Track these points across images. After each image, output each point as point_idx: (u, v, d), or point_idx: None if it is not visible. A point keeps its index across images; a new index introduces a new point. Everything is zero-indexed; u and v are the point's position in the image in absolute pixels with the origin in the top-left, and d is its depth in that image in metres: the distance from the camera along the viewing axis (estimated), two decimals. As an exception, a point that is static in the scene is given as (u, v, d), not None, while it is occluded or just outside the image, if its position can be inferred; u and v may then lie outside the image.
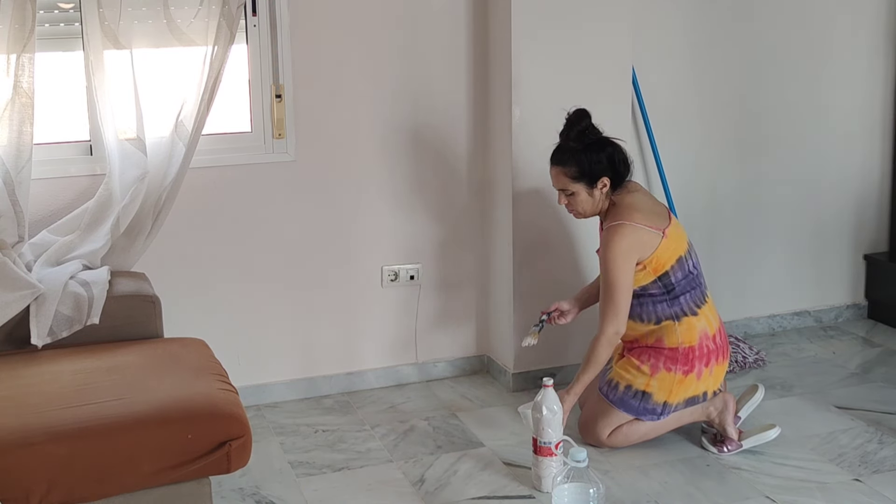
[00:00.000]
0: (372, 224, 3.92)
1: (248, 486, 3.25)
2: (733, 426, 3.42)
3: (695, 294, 3.39)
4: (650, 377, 3.36)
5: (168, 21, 3.39)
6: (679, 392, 3.37)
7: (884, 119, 4.61)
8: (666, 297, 3.35)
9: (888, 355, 4.28)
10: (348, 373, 3.99)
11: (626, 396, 3.39)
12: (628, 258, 3.28)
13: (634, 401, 3.38)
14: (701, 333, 3.37)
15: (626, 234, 3.28)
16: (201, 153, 3.53)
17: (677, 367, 3.35)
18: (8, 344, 3.13)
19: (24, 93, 3.19)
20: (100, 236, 3.37)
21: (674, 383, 3.35)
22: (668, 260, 3.33)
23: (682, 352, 3.35)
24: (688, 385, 3.37)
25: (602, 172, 3.32)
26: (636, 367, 3.39)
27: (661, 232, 3.31)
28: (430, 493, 3.20)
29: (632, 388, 3.38)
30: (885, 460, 3.35)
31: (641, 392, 3.37)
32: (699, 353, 3.36)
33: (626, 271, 3.28)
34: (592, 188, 3.34)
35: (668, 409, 3.38)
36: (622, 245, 3.27)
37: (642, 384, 3.37)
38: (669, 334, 3.35)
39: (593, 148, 3.33)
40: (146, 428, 2.59)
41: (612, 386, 3.43)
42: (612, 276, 3.29)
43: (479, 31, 3.90)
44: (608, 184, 3.34)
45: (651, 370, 3.36)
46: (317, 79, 3.75)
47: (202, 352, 3.08)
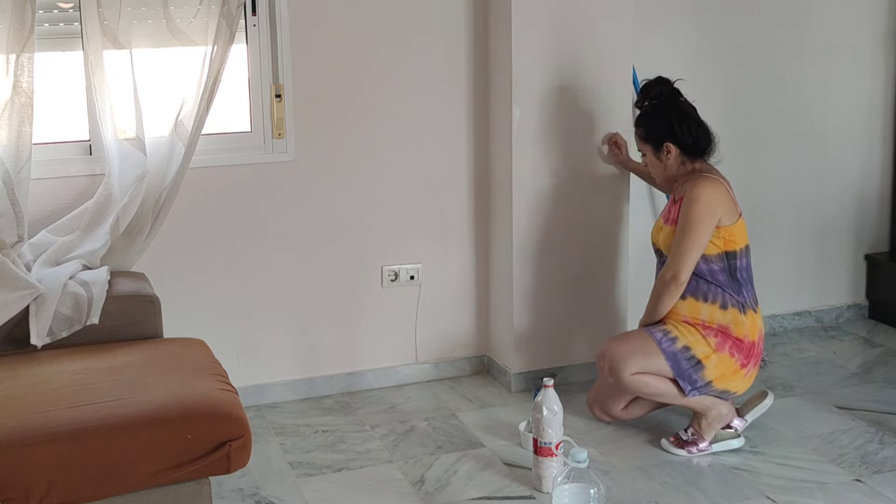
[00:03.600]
0: (372, 224, 3.92)
1: (247, 487, 3.25)
2: (713, 431, 3.42)
3: (753, 292, 3.42)
4: (714, 352, 3.33)
5: (168, 21, 3.39)
6: (726, 380, 3.37)
7: (884, 119, 4.60)
8: (731, 283, 3.35)
9: (889, 355, 4.28)
10: (348, 373, 3.99)
11: (681, 355, 3.34)
12: (712, 209, 3.28)
13: (686, 363, 3.33)
14: (759, 332, 3.40)
15: (716, 188, 3.31)
16: (201, 153, 3.53)
17: (738, 357, 3.36)
18: (7, 344, 3.13)
19: (24, 92, 3.19)
20: (99, 236, 3.37)
21: (729, 369, 3.35)
22: (740, 241, 3.35)
23: (746, 344, 3.36)
24: (736, 378, 3.37)
25: (664, 136, 3.38)
26: (703, 336, 3.34)
27: (738, 211, 3.37)
28: (430, 494, 3.19)
29: (690, 351, 3.34)
30: (886, 460, 3.34)
31: (697, 360, 3.33)
32: (756, 350, 3.39)
33: (708, 221, 3.28)
34: (658, 152, 3.41)
35: (707, 389, 3.37)
36: (709, 193, 3.29)
37: (702, 353, 3.33)
38: (737, 324, 3.35)
39: (657, 110, 3.43)
40: (146, 428, 2.58)
41: (670, 337, 3.36)
42: (693, 218, 3.28)
43: (480, 31, 3.90)
44: (673, 150, 3.38)
45: (717, 347, 3.33)
46: (317, 79, 3.75)
47: (202, 352, 3.08)
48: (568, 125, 3.84)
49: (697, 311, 3.37)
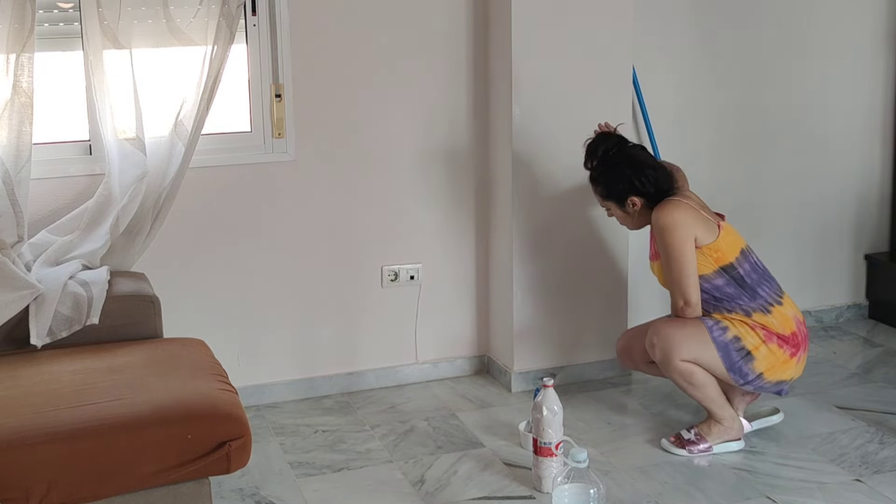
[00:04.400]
0: (372, 224, 3.92)
1: (247, 487, 3.25)
2: (720, 439, 3.42)
3: (772, 285, 3.40)
4: (763, 343, 3.31)
5: (168, 21, 3.39)
6: (779, 371, 3.35)
7: (884, 119, 4.60)
8: (743, 292, 3.33)
9: (889, 355, 4.28)
10: (348, 373, 3.99)
11: (731, 346, 3.30)
12: (686, 229, 3.25)
13: (737, 354, 3.31)
14: (794, 319, 3.39)
15: (681, 207, 3.28)
16: (201, 153, 3.53)
17: (787, 348, 3.35)
18: (7, 344, 3.13)
19: (24, 92, 3.19)
20: (99, 236, 3.37)
21: (779, 360, 3.34)
22: (731, 251, 3.33)
23: (788, 336, 3.35)
24: (787, 367, 3.37)
25: (626, 192, 3.34)
26: (751, 328, 3.32)
27: (716, 222, 3.34)
28: (430, 494, 3.19)
29: (740, 342, 3.31)
30: (886, 461, 3.34)
31: (748, 351, 3.31)
32: (800, 336, 3.38)
33: (686, 243, 3.25)
34: (623, 207, 3.38)
35: (759, 381, 3.36)
36: (677, 215, 3.26)
37: (752, 345, 3.31)
38: (768, 325, 3.34)
39: (611, 168, 3.35)
40: (146, 428, 2.58)
41: (721, 327, 3.32)
42: (670, 247, 3.27)
43: (480, 31, 3.90)
44: (639, 203, 3.35)
45: (765, 338, 3.32)
46: (317, 79, 3.75)
47: (202, 352, 3.08)
48: (568, 125, 3.84)
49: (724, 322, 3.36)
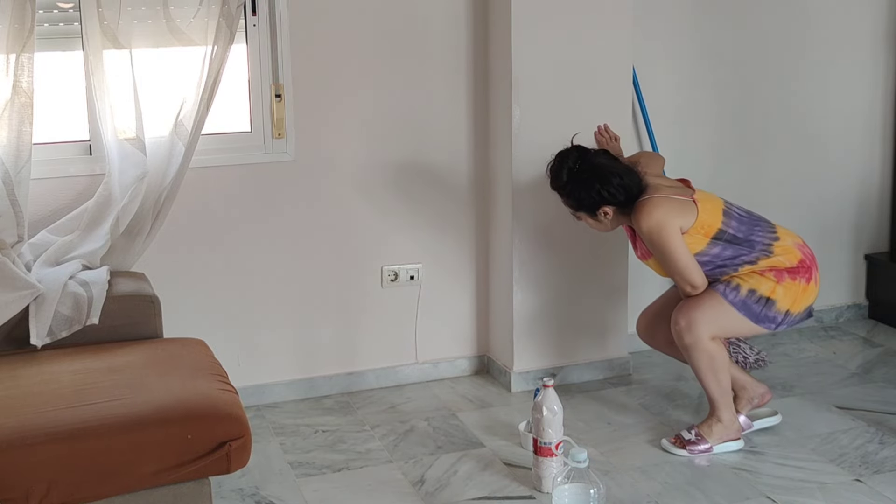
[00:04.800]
0: (372, 224, 3.92)
1: (247, 487, 3.25)
2: (719, 438, 3.42)
3: (762, 226, 3.40)
4: (776, 283, 3.33)
5: (167, 21, 3.39)
6: (802, 300, 3.37)
7: (884, 119, 4.60)
8: (741, 248, 3.35)
9: (889, 355, 4.28)
10: (348, 373, 3.99)
11: (749, 300, 3.32)
12: (669, 225, 3.26)
13: (757, 305, 3.33)
14: (796, 246, 3.41)
15: (658, 204, 3.27)
16: (201, 153, 3.53)
17: (800, 277, 3.36)
18: (7, 344, 3.13)
19: (24, 92, 3.18)
20: (99, 236, 3.37)
21: (798, 292, 3.36)
22: (714, 219, 3.34)
23: (798, 267, 3.36)
24: (809, 293, 3.39)
25: (596, 204, 3.33)
26: (760, 275, 3.34)
27: (690, 199, 3.33)
28: (430, 494, 3.19)
29: (756, 293, 3.33)
30: (886, 461, 3.34)
31: (766, 298, 3.33)
32: (808, 261, 3.40)
33: (673, 236, 3.26)
34: (596, 216, 3.37)
35: (788, 318, 3.37)
36: (657, 214, 3.26)
37: (768, 290, 3.33)
38: (776, 264, 3.35)
39: (582, 185, 3.32)
40: (146, 428, 2.58)
41: (732, 287, 3.34)
42: (660, 246, 3.28)
43: (480, 31, 3.90)
44: (611, 211, 3.34)
45: (777, 278, 3.33)
46: (317, 79, 3.75)
47: (202, 352, 3.08)
48: (568, 125, 3.83)
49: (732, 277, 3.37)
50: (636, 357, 4.20)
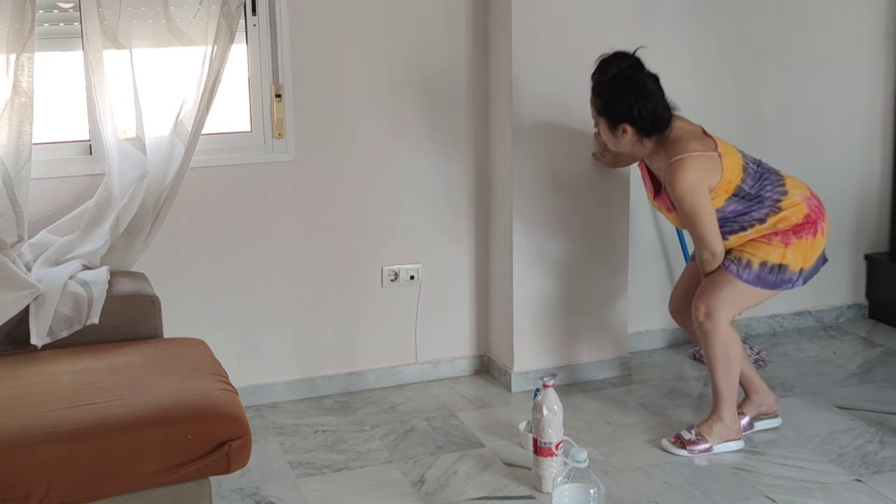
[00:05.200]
0: (372, 224, 3.92)
1: (247, 487, 3.25)
2: (720, 439, 3.42)
3: (771, 179, 3.39)
4: (785, 248, 3.33)
5: (168, 21, 3.39)
6: (812, 255, 3.39)
7: (884, 119, 4.60)
8: (752, 205, 3.34)
9: (889, 355, 4.28)
10: (348, 373, 3.99)
11: (763, 272, 3.33)
12: (701, 187, 3.26)
13: (771, 275, 3.34)
14: (803, 199, 3.40)
15: (692, 166, 3.25)
16: (201, 153, 3.53)
17: (806, 234, 3.37)
18: (7, 344, 3.13)
19: (24, 92, 3.18)
20: (99, 236, 3.37)
21: (808, 248, 3.37)
22: (735, 175, 3.33)
23: (803, 223, 3.37)
24: (817, 244, 3.40)
25: (621, 118, 3.30)
26: (767, 244, 3.34)
27: (716, 154, 3.31)
28: (430, 494, 3.19)
29: (767, 264, 3.33)
30: (886, 460, 3.34)
31: (778, 265, 3.34)
32: (814, 214, 3.40)
33: (704, 200, 3.26)
34: (614, 130, 3.34)
35: (804, 273, 3.39)
36: (690, 177, 3.24)
37: (778, 257, 3.33)
38: (783, 221, 3.36)
39: (618, 91, 3.29)
40: (146, 428, 2.58)
41: (743, 264, 3.34)
42: (691, 210, 3.27)
43: (480, 30, 3.90)
44: (629, 131, 3.30)
45: (784, 242, 3.34)
46: (317, 79, 3.75)
47: (202, 352, 3.08)
48: (568, 125, 3.84)
49: (744, 239, 3.37)
50: (636, 357, 4.21)
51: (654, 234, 4.33)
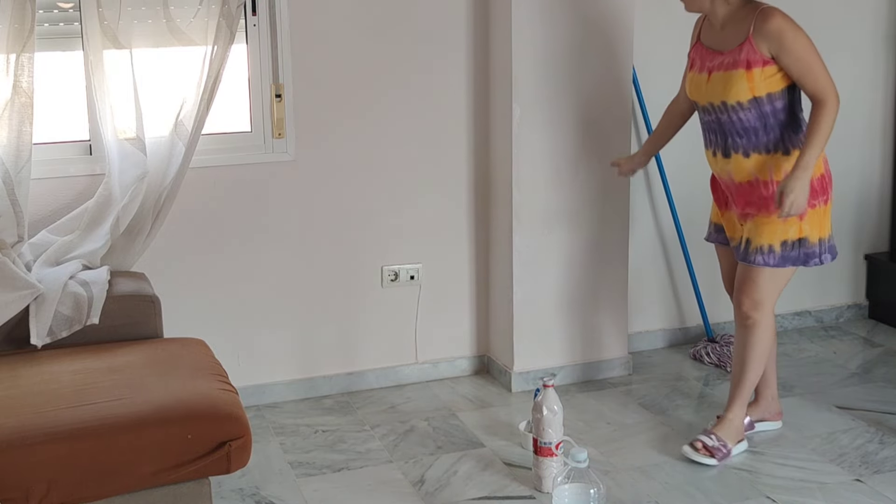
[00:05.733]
0: (372, 224, 3.92)
1: (247, 487, 3.25)
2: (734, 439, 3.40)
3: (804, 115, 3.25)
4: (800, 221, 3.21)
5: (168, 21, 3.39)
6: (826, 223, 3.28)
7: (884, 119, 4.60)
8: (791, 122, 3.21)
9: (889, 355, 4.28)
10: (348, 373, 3.99)
11: (785, 251, 3.23)
12: (802, 30, 3.12)
13: (794, 252, 3.24)
14: (823, 158, 3.28)
15: (787, 15, 3.13)
16: (201, 153, 3.53)
17: (819, 201, 3.24)
18: (7, 344, 3.13)
19: (24, 92, 3.19)
20: (99, 236, 3.37)
21: (822, 216, 3.26)
22: None
23: (817, 182, 3.21)
24: (829, 213, 3.29)
25: None
26: (783, 221, 3.20)
27: None
28: (430, 494, 3.19)
29: (788, 242, 3.23)
30: (886, 461, 3.34)
31: (797, 240, 3.23)
32: (828, 176, 3.29)
33: (808, 38, 3.12)
34: None
35: (824, 245, 3.27)
36: (789, 20, 3.11)
37: (795, 232, 3.22)
38: None
39: None
40: (146, 428, 2.58)
41: (767, 251, 3.23)
42: (803, 49, 3.11)
43: (480, 31, 3.90)
44: None
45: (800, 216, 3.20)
46: (317, 79, 3.75)
47: (202, 352, 3.08)
48: (568, 125, 3.84)
49: (764, 170, 3.20)
50: (636, 357, 4.21)
51: (654, 234, 4.33)
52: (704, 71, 3.27)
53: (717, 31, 3.26)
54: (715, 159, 3.34)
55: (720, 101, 3.21)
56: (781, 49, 3.12)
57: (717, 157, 3.32)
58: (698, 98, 3.31)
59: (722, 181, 3.38)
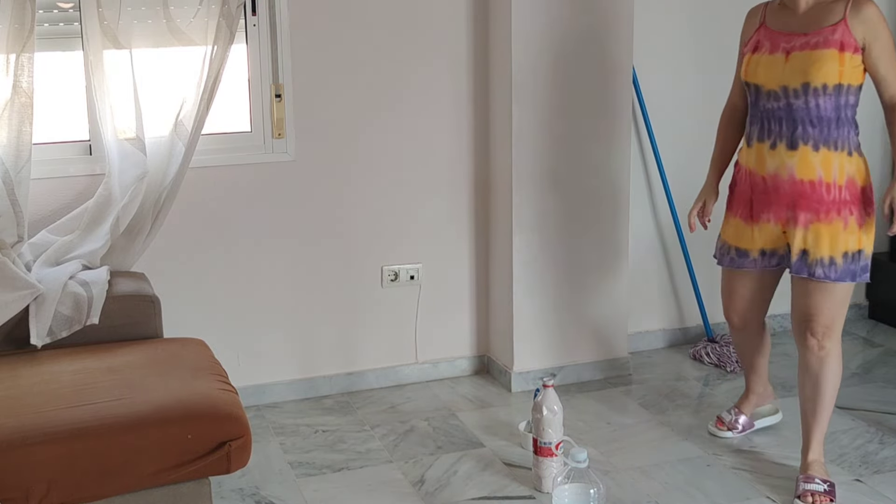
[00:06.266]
0: (372, 224, 3.92)
1: (247, 487, 3.25)
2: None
3: None
4: (859, 230, 3.04)
5: (168, 21, 3.39)
6: (871, 235, 3.10)
7: (883, 119, 4.58)
8: (855, 123, 3.06)
9: (889, 355, 4.28)
10: (348, 373, 3.99)
11: (847, 264, 3.04)
12: None
13: (853, 265, 3.05)
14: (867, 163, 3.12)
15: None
16: (201, 153, 3.53)
17: (870, 209, 3.10)
18: (7, 344, 3.13)
19: (24, 92, 3.19)
20: (99, 236, 3.37)
21: (870, 227, 3.09)
22: None
23: (868, 190, 3.09)
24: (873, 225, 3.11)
25: None
26: (843, 227, 3.02)
27: None
28: (430, 494, 3.19)
29: (849, 254, 3.04)
30: (886, 460, 3.34)
31: (857, 252, 3.05)
32: (870, 188, 3.12)
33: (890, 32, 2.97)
34: None
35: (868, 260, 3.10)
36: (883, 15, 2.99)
37: (855, 243, 3.04)
38: (860, 172, 3.06)
39: None
40: (146, 428, 2.58)
41: (829, 264, 3.02)
42: (891, 46, 2.98)
43: (480, 31, 3.90)
44: None
45: (858, 220, 3.04)
46: (317, 79, 3.75)
47: (202, 352, 3.08)
48: (568, 125, 3.84)
49: (829, 170, 3.00)
50: (636, 357, 4.21)
51: (654, 233, 4.33)
52: (779, 52, 3.03)
53: (794, 15, 3.05)
54: (773, 152, 3.07)
55: (801, 82, 2.99)
56: (875, 38, 2.97)
57: (776, 149, 3.06)
58: (766, 81, 3.06)
59: (769, 181, 3.09)
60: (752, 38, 3.16)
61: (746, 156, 3.19)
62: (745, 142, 3.21)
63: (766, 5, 3.20)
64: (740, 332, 3.45)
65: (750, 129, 3.17)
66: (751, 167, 3.16)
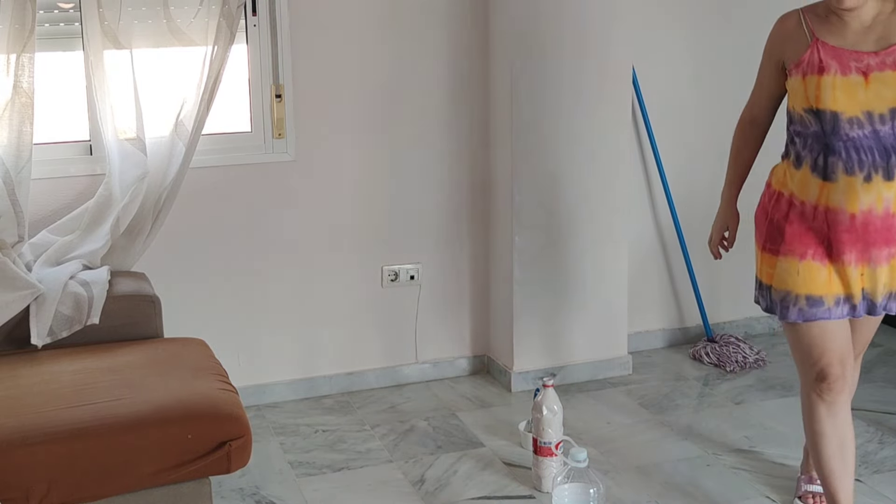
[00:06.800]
0: (372, 224, 3.92)
1: (248, 487, 3.25)
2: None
3: None
4: None
5: (168, 21, 3.39)
6: None
7: None
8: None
9: (889, 355, 4.28)
10: (348, 373, 3.99)
11: None
12: None
13: None
14: None
15: None
16: (201, 153, 3.53)
17: None
18: (8, 344, 3.13)
19: (24, 92, 3.19)
20: (100, 236, 3.37)
21: None
22: None
23: None
24: None
25: None
26: None
27: None
28: (430, 494, 3.20)
29: None
30: (886, 460, 3.34)
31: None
32: None
33: None
34: None
35: None
36: None
37: None
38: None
39: None
40: (146, 428, 2.58)
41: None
42: None
43: (480, 31, 3.90)
44: None
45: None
46: (317, 79, 3.75)
47: (202, 352, 3.08)
48: (568, 125, 3.84)
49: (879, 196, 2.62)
50: (636, 357, 4.21)
51: (654, 234, 4.33)
52: (853, 73, 2.62)
53: (849, 28, 2.66)
54: (868, 185, 2.62)
55: (888, 107, 2.61)
56: None
57: (871, 181, 2.62)
58: (848, 107, 2.63)
59: (858, 218, 2.65)
60: (807, 56, 2.68)
61: (812, 189, 2.72)
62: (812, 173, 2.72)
63: (802, 14, 2.74)
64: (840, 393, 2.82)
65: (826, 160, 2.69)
66: (833, 204, 2.67)
